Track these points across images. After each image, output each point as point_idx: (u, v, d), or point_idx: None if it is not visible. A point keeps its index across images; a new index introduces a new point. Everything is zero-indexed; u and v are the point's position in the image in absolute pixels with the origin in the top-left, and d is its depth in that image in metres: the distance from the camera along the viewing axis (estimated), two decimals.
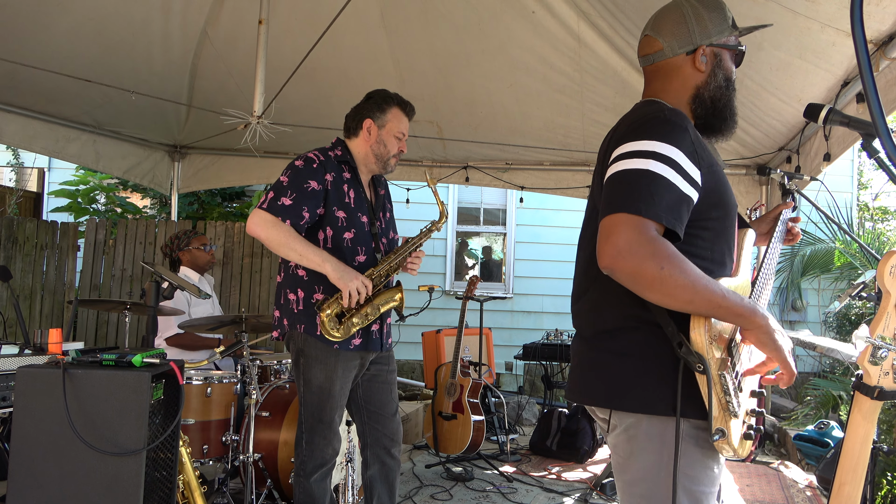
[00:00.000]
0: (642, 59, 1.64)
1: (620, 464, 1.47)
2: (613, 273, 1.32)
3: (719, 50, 1.57)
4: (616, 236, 1.30)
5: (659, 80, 1.60)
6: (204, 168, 5.97)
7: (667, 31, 1.57)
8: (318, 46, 3.32)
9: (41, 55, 3.87)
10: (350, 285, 2.45)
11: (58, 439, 1.99)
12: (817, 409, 5.70)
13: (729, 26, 1.57)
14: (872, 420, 1.34)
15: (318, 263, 2.46)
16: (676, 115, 1.43)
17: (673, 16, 1.58)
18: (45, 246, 5.88)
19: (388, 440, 2.75)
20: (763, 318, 1.34)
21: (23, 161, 8.88)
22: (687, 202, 1.36)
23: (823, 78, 3.09)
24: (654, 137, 1.37)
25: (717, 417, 1.32)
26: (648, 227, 1.30)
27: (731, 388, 1.34)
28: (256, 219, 2.47)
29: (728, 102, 1.58)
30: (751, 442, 1.39)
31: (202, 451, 3.25)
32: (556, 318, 7.44)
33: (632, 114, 1.53)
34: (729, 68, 1.59)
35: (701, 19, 1.55)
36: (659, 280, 1.27)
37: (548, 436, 5.04)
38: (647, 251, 1.28)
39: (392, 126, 2.70)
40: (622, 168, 1.37)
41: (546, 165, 5.45)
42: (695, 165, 1.38)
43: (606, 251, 1.32)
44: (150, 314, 2.63)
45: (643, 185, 1.32)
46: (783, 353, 1.36)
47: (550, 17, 3.45)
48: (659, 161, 1.34)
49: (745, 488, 4.31)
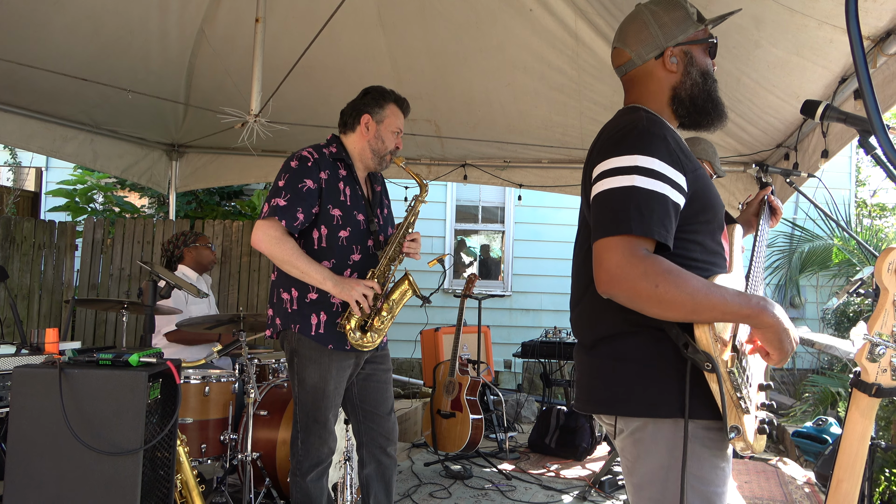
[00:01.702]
0: (616, 70, 1.65)
1: (629, 467, 1.47)
2: (612, 297, 1.34)
3: (688, 48, 1.56)
4: (607, 262, 1.32)
5: (636, 88, 1.60)
6: (202, 167, 5.95)
7: (631, 39, 1.58)
8: (315, 45, 3.31)
9: (38, 54, 3.85)
10: (353, 294, 2.48)
11: (55, 439, 1.99)
12: (815, 406, 5.70)
13: (693, 22, 1.56)
14: (870, 417, 1.35)
15: (319, 282, 2.50)
16: (654, 123, 1.43)
17: (635, 24, 1.58)
18: (42, 245, 5.87)
19: (384, 439, 2.75)
20: (772, 316, 1.32)
21: (20, 160, 8.87)
22: (675, 209, 1.37)
23: (821, 75, 3.09)
24: (634, 151, 1.37)
25: (731, 415, 1.31)
26: (637, 248, 1.31)
27: (741, 384, 1.34)
28: (259, 233, 2.50)
29: (709, 96, 1.57)
30: (765, 436, 1.39)
31: (200, 451, 3.25)
32: (554, 315, 7.44)
33: (612, 123, 1.53)
34: (703, 63, 1.57)
35: (662, 22, 1.55)
36: (656, 298, 1.28)
37: (546, 433, 5.04)
38: (639, 272, 1.29)
39: (389, 122, 2.71)
40: (607, 188, 1.38)
41: (544, 163, 5.45)
42: (678, 171, 1.38)
43: (601, 277, 1.34)
44: (148, 313, 2.62)
45: (629, 203, 1.33)
46: (785, 357, 1.36)
47: (548, 16, 3.45)
48: (642, 175, 1.34)
49: (744, 485, 4.31)
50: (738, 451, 1.37)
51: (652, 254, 1.32)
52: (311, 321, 2.55)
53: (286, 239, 2.50)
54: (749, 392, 1.37)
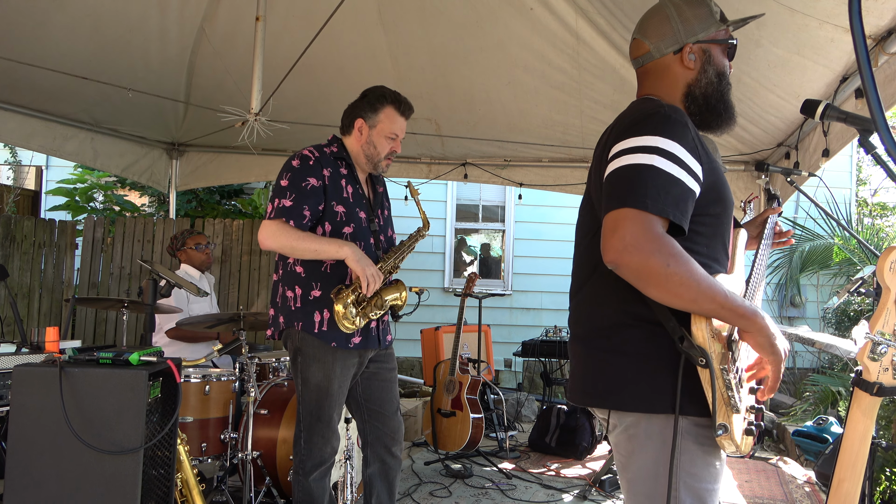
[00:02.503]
0: (633, 61, 1.64)
1: (622, 463, 1.47)
2: (618, 268, 1.30)
3: (707, 46, 1.55)
4: (622, 230, 1.29)
5: (650, 80, 1.59)
6: (202, 165, 5.95)
7: (652, 32, 1.57)
8: (315, 43, 3.31)
9: (38, 52, 3.85)
10: (368, 270, 2.46)
11: (55, 438, 1.99)
12: (816, 405, 5.70)
13: (716, 21, 1.55)
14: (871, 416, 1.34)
15: (335, 250, 2.47)
16: (675, 111, 1.42)
17: (657, 17, 1.57)
18: (43, 244, 5.87)
19: (389, 438, 2.74)
20: (763, 320, 1.33)
21: (20, 159, 8.87)
22: (692, 196, 1.35)
23: (822, 74, 3.09)
24: (656, 132, 1.35)
25: (720, 412, 1.31)
26: (654, 223, 1.29)
27: (733, 384, 1.34)
28: (265, 232, 2.49)
29: (721, 97, 1.56)
30: (752, 438, 1.39)
31: (201, 449, 3.25)
32: (555, 314, 7.44)
33: (629, 111, 1.51)
34: (720, 63, 1.56)
35: (685, 17, 1.54)
36: (664, 277, 1.26)
37: (547, 432, 5.04)
38: (654, 247, 1.26)
39: (384, 127, 2.65)
40: (625, 163, 1.35)
41: (545, 162, 5.44)
42: (696, 160, 1.36)
43: (612, 245, 1.29)
44: (148, 312, 2.62)
45: (648, 180, 1.31)
46: (780, 360, 1.36)
47: (549, 15, 3.44)
48: (661, 156, 1.32)
49: (744, 484, 4.31)
50: (727, 452, 1.36)
51: (665, 233, 1.30)
52: (314, 318, 2.55)
53: (287, 227, 2.47)
54: (740, 393, 1.37)
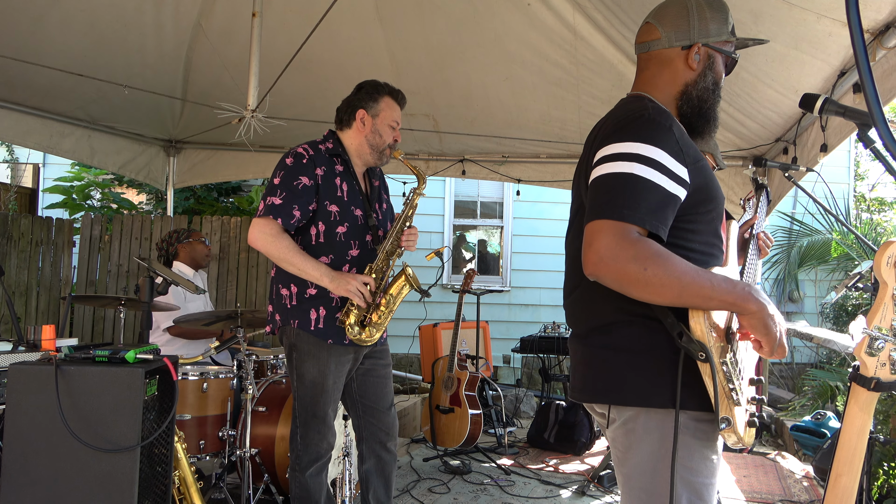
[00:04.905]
0: (639, 45, 1.63)
1: (619, 457, 1.47)
2: (599, 279, 1.34)
3: (714, 52, 1.56)
4: (597, 243, 1.32)
5: (651, 69, 1.60)
6: (199, 163, 5.94)
7: (668, 21, 1.57)
8: (312, 39, 3.29)
9: (33, 49, 3.84)
10: (349, 288, 2.49)
11: (51, 436, 1.98)
12: (814, 400, 5.71)
13: (728, 31, 1.57)
14: (869, 411, 1.34)
15: (316, 278, 2.51)
16: (661, 114, 1.44)
17: (676, 7, 1.58)
18: (40, 242, 5.86)
19: (384, 434, 2.75)
20: (756, 302, 1.32)
21: (17, 157, 8.85)
22: (673, 202, 1.37)
23: (820, 68, 3.08)
24: (637, 139, 1.37)
25: (722, 406, 1.31)
26: (629, 231, 1.31)
27: (734, 376, 1.34)
28: (255, 231, 2.50)
29: (713, 106, 1.59)
30: (755, 430, 1.39)
31: (198, 447, 3.24)
32: (553, 310, 7.44)
33: (617, 110, 1.53)
34: (719, 72, 1.59)
35: (703, 17, 1.55)
36: (644, 281, 1.29)
37: (545, 428, 5.04)
38: (629, 255, 1.29)
39: (385, 115, 2.69)
40: (605, 172, 1.37)
41: (542, 158, 5.44)
42: (680, 163, 1.38)
43: (589, 258, 1.33)
44: (145, 310, 2.62)
45: (626, 190, 1.33)
46: (774, 338, 1.35)
47: (546, 10, 3.43)
48: (642, 163, 1.34)
49: (742, 479, 4.32)
50: (730, 444, 1.37)
51: (642, 237, 1.32)
52: (310, 316, 2.55)
53: (282, 236, 2.49)
54: (740, 385, 1.37)
